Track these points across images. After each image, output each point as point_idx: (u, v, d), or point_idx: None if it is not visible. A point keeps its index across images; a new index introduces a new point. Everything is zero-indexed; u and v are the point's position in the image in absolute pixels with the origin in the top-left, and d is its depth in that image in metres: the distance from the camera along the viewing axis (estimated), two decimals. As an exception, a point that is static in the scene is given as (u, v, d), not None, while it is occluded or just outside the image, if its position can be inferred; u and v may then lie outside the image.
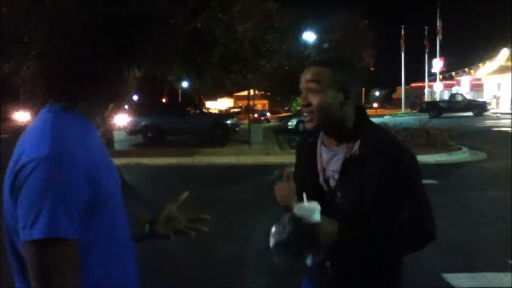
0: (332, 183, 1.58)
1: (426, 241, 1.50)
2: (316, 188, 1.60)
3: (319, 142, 1.66)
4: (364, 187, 1.47)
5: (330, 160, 1.59)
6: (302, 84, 1.55)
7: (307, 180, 1.64)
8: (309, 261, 1.44)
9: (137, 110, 18.47)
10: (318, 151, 1.65)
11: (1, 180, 1.08)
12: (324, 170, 1.61)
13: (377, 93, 72.98)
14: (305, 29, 29.60)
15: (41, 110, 1.13)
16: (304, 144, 1.72)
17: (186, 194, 1.52)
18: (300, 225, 1.36)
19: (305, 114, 1.56)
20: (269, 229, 1.42)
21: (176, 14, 11.72)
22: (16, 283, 1.10)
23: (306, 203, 1.39)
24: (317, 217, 1.37)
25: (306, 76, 1.53)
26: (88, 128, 1.15)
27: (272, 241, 1.40)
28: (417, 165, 1.51)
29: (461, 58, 47.50)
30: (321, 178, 1.61)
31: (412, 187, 1.48)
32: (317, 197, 1.46)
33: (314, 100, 1.51)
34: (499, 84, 38.22)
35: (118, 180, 1.22)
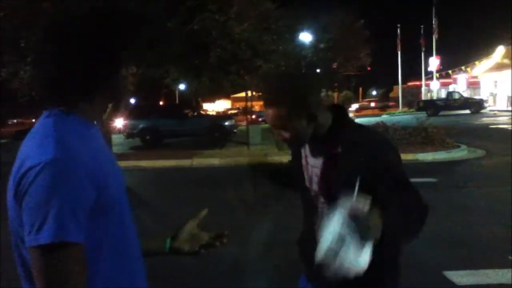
0: (315, 180, 1.66)
1: (427, 212, 1.51)
2: (305, 186, 1.71)
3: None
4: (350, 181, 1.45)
5: (315, 159, 1.67)
6: (269, 123, 1.61)
7: (298, 176, 1.75)
8: (366, 257, 1.25)
9: (135, 113, 18.44)
10: (303, 151, 1.74)
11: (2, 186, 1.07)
12: (308, 168, 1.70)
13: (374, 92, 72.99)
14: (302, 29, 29.62)
15: (42, 113, 1.11)
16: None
17: (205, 211, 1.47)
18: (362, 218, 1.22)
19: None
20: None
21: (173, 16, 11.74)
22: None
23: (359, 198, 1.25)
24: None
25: (269, 119, 1.59)
26: (91, 130, 1.13)
27: (327, 245, 1.23)
28: (398, 155, 1.57)
29: (458, 56, 47.40)
30: (306, 175, 1.71)
31: (401, 174, 1.53)
32: (306, 193, 1.67)
33: (287, 134, 1.59)
34: (495, 82, 38.28)
35: (123, 183, 1.20)
